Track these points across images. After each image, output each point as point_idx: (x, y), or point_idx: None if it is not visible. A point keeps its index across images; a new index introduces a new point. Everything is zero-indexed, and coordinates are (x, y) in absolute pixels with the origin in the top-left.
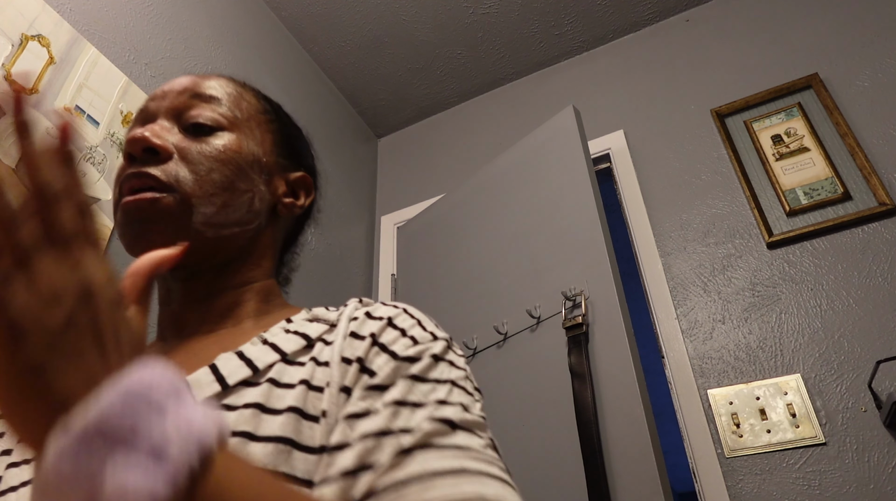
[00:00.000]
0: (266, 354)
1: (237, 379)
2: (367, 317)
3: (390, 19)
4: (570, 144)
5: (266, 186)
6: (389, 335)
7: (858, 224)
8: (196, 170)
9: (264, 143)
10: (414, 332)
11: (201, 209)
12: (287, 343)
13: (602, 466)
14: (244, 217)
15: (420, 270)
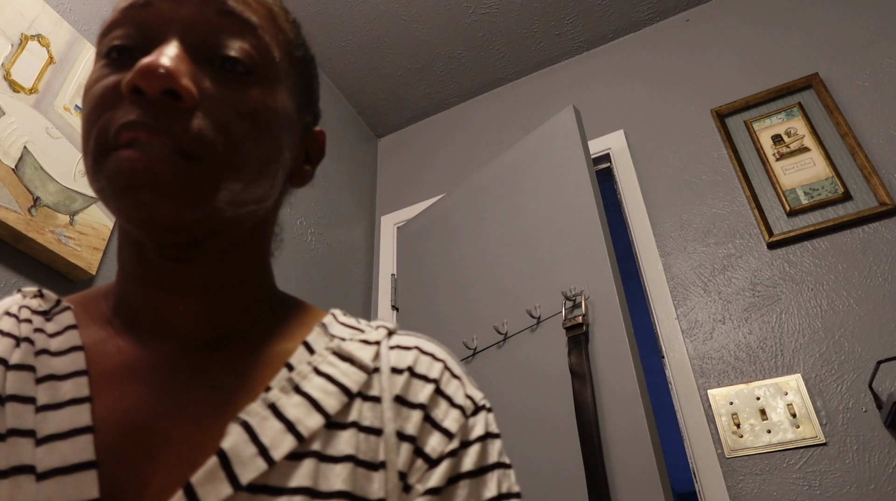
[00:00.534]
0: (308, 414)
1: (283, 453)
2: (412, 376)
3: (390, 19)
4: (570, 144)
5: (291, 152)
6: (440, 407)
7: (859, 224)
8: (229, 132)
9: (295, 93)
10: (459, 399)
11: (229, 185)
12: (327, 398)
13: (602, 466)
14: (266, 193)
15: (420, 270)
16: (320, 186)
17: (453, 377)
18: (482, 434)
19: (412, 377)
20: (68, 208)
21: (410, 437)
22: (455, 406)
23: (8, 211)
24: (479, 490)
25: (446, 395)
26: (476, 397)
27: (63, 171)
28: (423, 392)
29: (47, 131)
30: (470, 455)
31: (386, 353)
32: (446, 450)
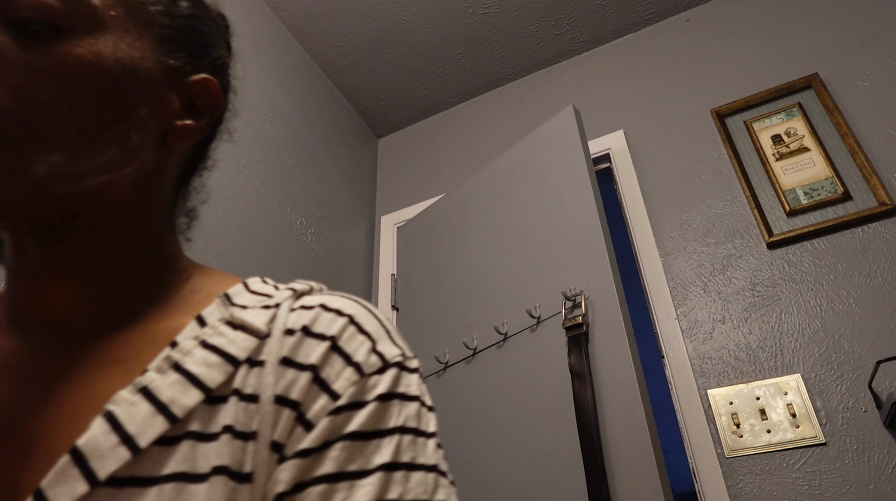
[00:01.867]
0: (184, 392)
1: (151, 438)
2: (307, 335)
3: (390, 19)
4: (570, 144)
5: (148, 107)
6: (333, 366)
7: (858, 224)
8: (28, 99)
9: (143, 39)
10: (360, 357)
11: (44, 158)
12: (209, 372)
13: (602, 466)
14: (116, 159)
15: (420, 270)
16: (320, 186)
17: (359, 332)
18: (384, 393)
19: (306, 336)
20: None
21: (293, 402)
22: (351, 364)
23: None
24: (366, 454)
25: (344, 352)
26: (388, 353)
27: None
28: (316, 352)
29: None
30: (360, 416)
31: (284, 314)
32: (328, 410)
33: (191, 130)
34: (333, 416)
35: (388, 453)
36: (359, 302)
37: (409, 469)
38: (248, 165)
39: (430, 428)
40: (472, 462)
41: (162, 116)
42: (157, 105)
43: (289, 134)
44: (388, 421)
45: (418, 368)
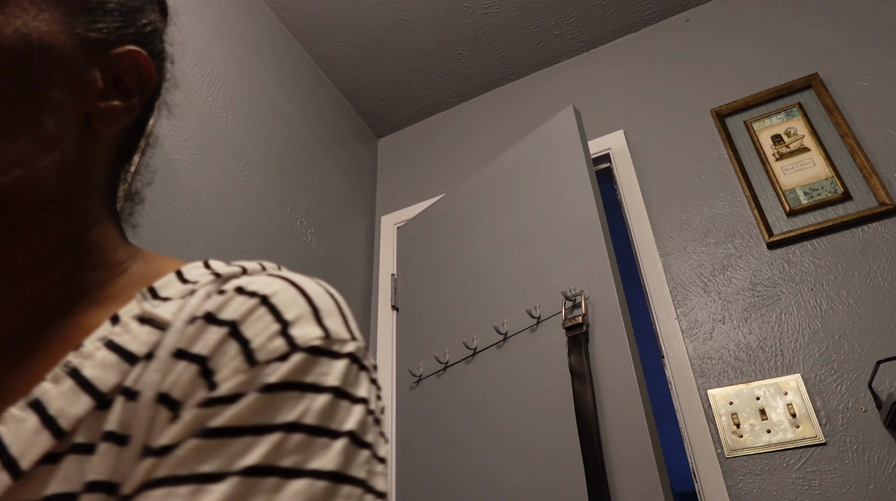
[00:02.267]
0: (73, 401)
1: (34, 458)
2: (208, 322)
3: (390, 19)
4: (570, 144)
5: (64, 89)
6: (225, 355)
7: (858, 224)
8: None
9: (52, 9)
10: (258, 342)
11: None
12: (104, 374)
13: (602, 466)
14: (29, 152)
15: (420, 270)
16: (320, 186)
17: (270, 313)
18: (275, 383)
19: (208, 324)
20: None
21: (174, 401)
22: (245, 351)
23: None
24: (227, 453)
25: (242, 338)
26: (302, 335)
27: None
28: (211, 340)
29: None
30: (232, 409)
31: (196, 301)
32: (199, 401)
33: (118, 111)
34: (202, 408)
35: (258, 454)
36: (290, 280)
37: (287, 476)
38: (248, 165)
39: (344, 426)
40: (472, 462)
41: (82, 98)
42: (75, 86)
43: (289, 134)
44: (272, 416)
45: (354, 353)
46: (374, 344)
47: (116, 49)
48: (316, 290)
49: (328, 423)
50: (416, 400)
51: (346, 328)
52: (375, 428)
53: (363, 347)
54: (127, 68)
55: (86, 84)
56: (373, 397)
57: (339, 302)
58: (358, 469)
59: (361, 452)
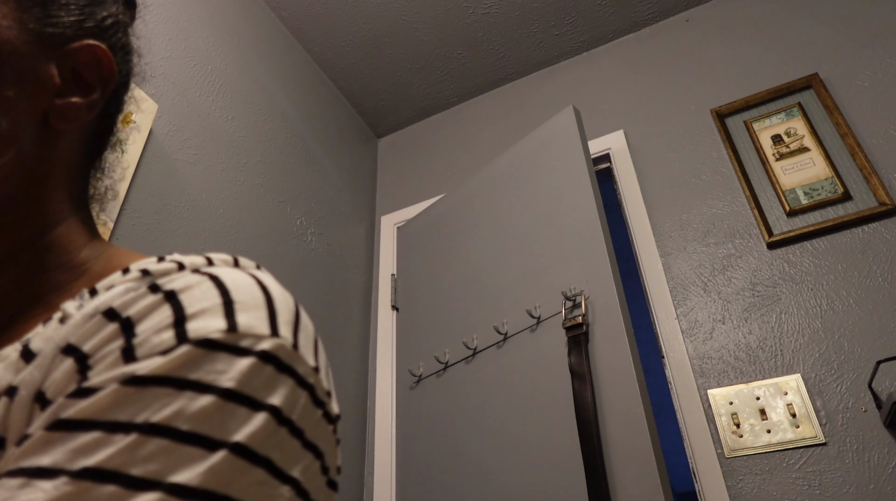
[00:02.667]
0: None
1: None
2: (106, 317)
3: (390, 19)
4: (570, 144)
5: (17, 86)
6: (106, 349)
7: (858, 224)
8: None
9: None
10: (142, 336)
11: None
12: (4, 374)
13: (602, 466)
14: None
15: (420, 270)
16: (320, 186)
17: (169, 307)
18: (143, 376)
19: (106, 320)
20: None
21: (48, 400)
22: (127, 345)
23: None
24: (64, 449)
25: (130, 333)
26: (197, 328)
27: None
28: (99, 336)
29: None
30: (90, 400)
31: (107, 297)
32: (65, 393)
33: (78, 107)
34: (65, 399)
35: (103, 455)
36: (214, 275)
37: (132, 486)
38: (248, 165)
39: (232, 436)
40: (472, 462)
41: (38, 95)
42: (30, 83)
43: (289, 134)
44: (133, 413)
45: (271, 351)
46: (374, 344)
47: (74, 44)
48: (242, 283)
49: (207, 430)
50: (416, 400)
51: (270, 324)
52: (292, 444)
53: (290, 347)
54: (85, 63)
55: (41, 81)
56: (298, 406)
57: (274, 297)
58: (242, 489)
59: (252, 470)
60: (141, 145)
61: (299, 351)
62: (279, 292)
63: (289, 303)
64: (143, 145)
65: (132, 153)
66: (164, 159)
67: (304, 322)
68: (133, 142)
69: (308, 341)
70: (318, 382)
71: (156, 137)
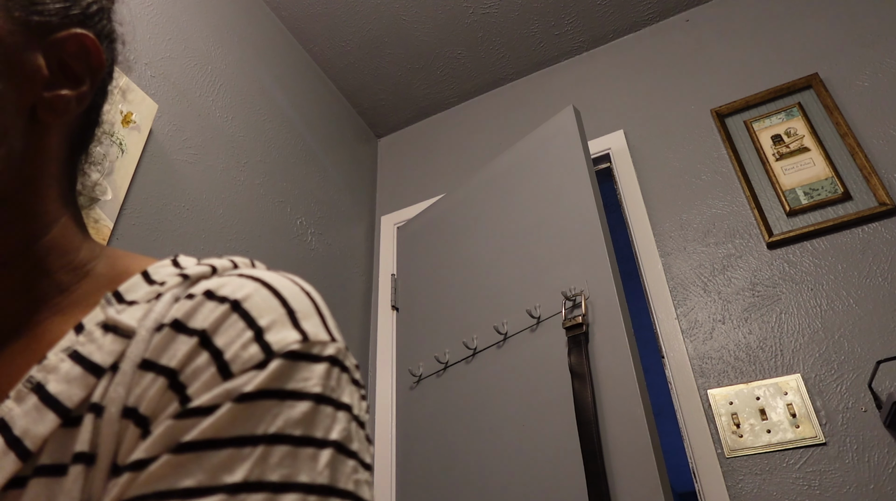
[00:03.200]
0: (38, 419)
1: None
2: (177, 331)
3: (390, 19)
4: (570, 144)
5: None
6: (196, 366)
7: (858, 224)
8: None
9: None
10: (232, 352)
11: None
12: (69, 389)
13: (602, 466)
14: None
15: (420, 270)
16: (320, 186)
17: (242, 319)
18: (251, 392)
19: (177, 333)
20: None
21: (142, 416)
22: (217, 362)
23: None
24: (207, 468)
25: (214, 348)
26: (279, 341)
27: None
28: (180, 352)
29: None
30: (210, 420)
31: (162, 307)
32: (169, 414)
33: (67, 100)
34: (175, 421)
35: (244, 469)
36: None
37: (277, 491)
38: (248, 165)
39: (331, 435)
40: (472, 461)
41: (26, 88)
42: (17, 75)
43: (289, 134)
44: (252, 427)
45: (335, 356)
46: (374, 344)
47: (61, 33)
48: (291, 290)
49: (313, 432)
50: (416, 400)
51: (325, 329)
52: (360, 434)
53: (343, 348)
54: (74, 53)
55: (29, 73)
56: (356, 400)
57: (317, 301)
58: (346, 480)
59: (348, 462)
60: (141, 145)
61: (349, 351)
62: (316, 294)
63: (322, 302)
64: (143, 145)
65: (132, 153)
66: (164, 159)
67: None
68: (133, 142)
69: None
70: (360, 377)
71: (156, 137)
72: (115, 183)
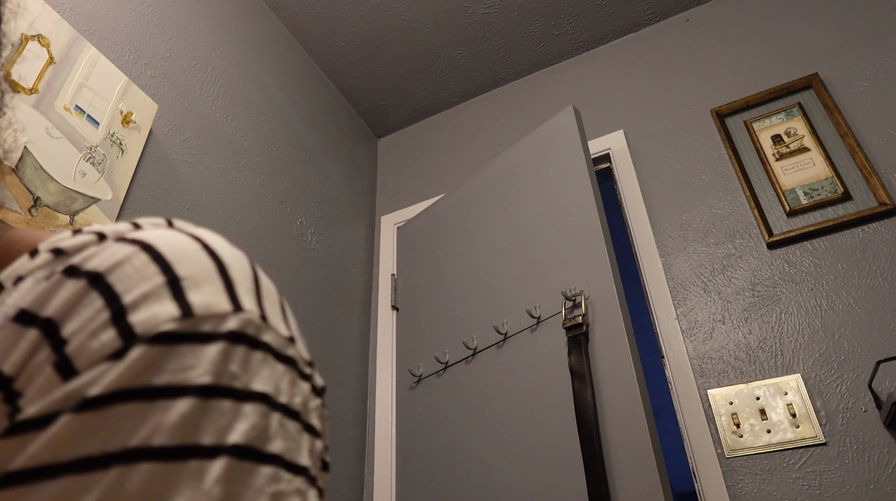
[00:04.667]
0: None
1: None
2: (21, 324)
3: (390, 19)
4: (570, 144)
5: None
6: (34, 362)
7: (858, 224)
8: None
9: None
10: (80, 341)
11: None
12: None
13: (602, 466)
14: None
15: (420, 270)
16: (320, 186)
17: (101, 297)
18: (101, 396)
19: (21, 326)
20: (68, 208)
21: None
22: (57, 356)
23: (8, 211)
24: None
25: (59, 339)
26: (147, 320)
27: (63, 171)
28: (20, 349)
29: (47, 131)
30: (42, 438)
31: (18, 294)
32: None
33: None
34: (1, 442)
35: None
36: (146, 243)
37: None
38: (248, 165)
39: (228, 438)
40: (472, 462)
41: None
42: None
43: (289, 134)
44: (101, 443)
45: (239, 330)
46: (374, 344)
47: None
48: (182, 251)
49: (197, 438)
50: (416, 400)
51: (229, 296)
52: (289, 428)
53: (257, 318)
54: None
55: None
56: (283, 384)
57: (226, 262)
58: (255, 495)
59: (260, 470)
60: (141, 145)
61: (269, 322)
62: (230, 253)
63: (244, 266)
64: (143, 145)
65: (132, 153)
66: (164, 159)
67: (265, 286)
68: (133, 142)
69: (275, 307)
70: (297, 353)
71: (156, 137)
72: (115, 183)
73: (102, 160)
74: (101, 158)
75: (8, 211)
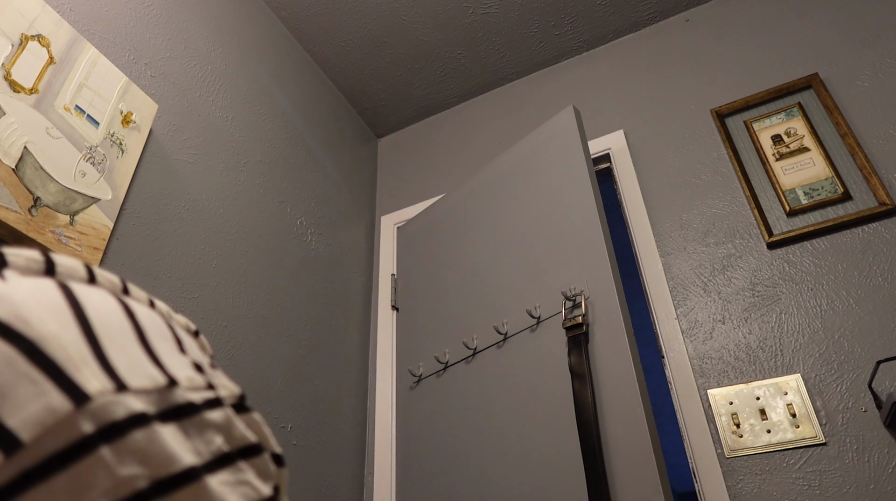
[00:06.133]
0: None
1: None
2: None
3: (390, 19)
4: (570, 144)
5: None
6: None
7: (858, 224)
8: None
9: None
10: None
11: None
12: None
13: (602, 466)
14: None
15: (420, 270)
16: (320, 186)
17: None
18: None
19: None
20: (68, 208)
21: None
22: None
23: (8, 211)
24: None
25: None
26: None
27: (63, 171)
28: None
29: (47, 131)
30: None
31: None
32: None
33: None
34: None
35: None
36: None
37: None
38: (248, 165)
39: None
40: (472, 462)
41: None
42: None
43: (289, 134)
44: None
45: (93, 433)
46: (374, 344)
47: None
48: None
49: None
50: (416, 400)
51: (61, 387)
52: (223, 475)
53: (108, 396)
54: None
55: None
56: (188, 445)
57: (37, 337)
58: None
59: None
60: (141, 145)
61: (127, 386)
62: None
63: (67, 322)
64: (143, 145)
65: (132, 153)
66: (164, 159)
67: (106, 322)
68: (133, 142)
69: (127, 339)
70: (182, 394)
71: (156, 137)
72: (115, 183)
73: (102, 160)
74: (101, 158)
75: (8, 211)
